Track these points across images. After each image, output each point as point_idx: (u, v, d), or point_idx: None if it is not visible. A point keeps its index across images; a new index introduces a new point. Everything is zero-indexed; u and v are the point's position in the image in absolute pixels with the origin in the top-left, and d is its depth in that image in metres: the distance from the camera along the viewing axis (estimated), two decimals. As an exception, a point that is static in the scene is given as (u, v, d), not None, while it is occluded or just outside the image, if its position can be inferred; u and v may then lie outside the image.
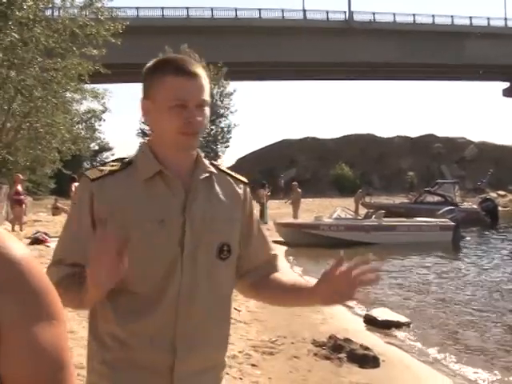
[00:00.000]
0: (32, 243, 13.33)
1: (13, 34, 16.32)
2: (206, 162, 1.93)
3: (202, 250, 1.82)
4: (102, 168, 1.85)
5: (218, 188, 1.92)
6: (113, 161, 1.93)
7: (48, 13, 20.56)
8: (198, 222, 1.81)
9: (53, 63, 19.62)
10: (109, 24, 20.31)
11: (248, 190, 2.04)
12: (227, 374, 4.83)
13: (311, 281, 2.00)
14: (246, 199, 2.00)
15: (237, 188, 1.98)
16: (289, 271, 2.35)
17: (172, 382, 1.79)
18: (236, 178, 2.03)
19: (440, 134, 66.91)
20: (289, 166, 58.28)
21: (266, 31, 51.98)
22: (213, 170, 1.92)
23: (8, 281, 0.91)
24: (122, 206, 1.77)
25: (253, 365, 5.76)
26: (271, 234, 20.76)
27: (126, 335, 1.78)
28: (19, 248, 0.96)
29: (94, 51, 20.43)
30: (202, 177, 1.86)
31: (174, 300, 1.78)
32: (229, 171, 2.03)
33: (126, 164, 1.86)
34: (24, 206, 17.64)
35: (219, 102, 47.36)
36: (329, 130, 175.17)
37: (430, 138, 65.19)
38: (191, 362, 1.81)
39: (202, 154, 1.94)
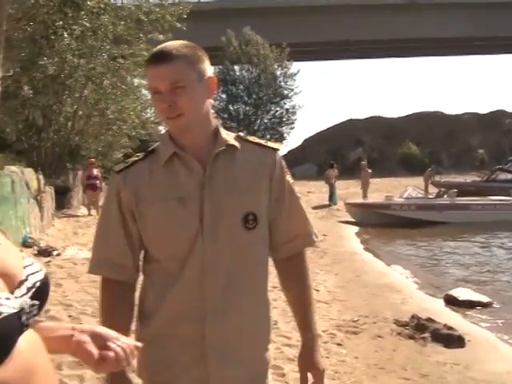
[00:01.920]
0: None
1: (84, 23, 16.61)
2: (227, 135, 1.97)
3: (224, 221, 1.86)
4: (127, 160, 1.99)
5: (240, 159, 1.95)
6: (139, 152, 2.04)
7: (114, 1, 20.87)
8: (219, 195, 1.87)
9: (120, 50, 19.90)
10: (173, 9, 20.42)
11: (279, 157, 2.03)
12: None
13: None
14: (274, 167, 1.99)
15: (264, 157, 1.99)
16: (302, 272, 2.26)
17: (204, 351, 1.86)
18: (265, 145, 2.03)
19: (511, 109, 64.70)
20: (355, 146, 57.65)
21: (328, 10, 51.19)
22: (232, 142, 1.95)
23: None
24: (145, 190, 1.89)
25: (338, 344, 5.75)
26: (342, 214, 20.68)
27: (160, 311, 1.89)
28: None
29: (160, 37, 20.61)
30: (218, 151, 1.90)
31: (199, 271, 1.84)
32: (257, 140, 2.04)
33: (148, 152, 1.98)
34: (98, 190, 18.07)
35: (283, 83, 47.21)
36: (395, 109, 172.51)
37: (500, 114, 63.05)
38: (222, 331, 1.86)
39: (221, 129, 1.98)
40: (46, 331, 1.20)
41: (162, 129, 35.24)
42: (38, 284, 1.15)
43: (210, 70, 1.93)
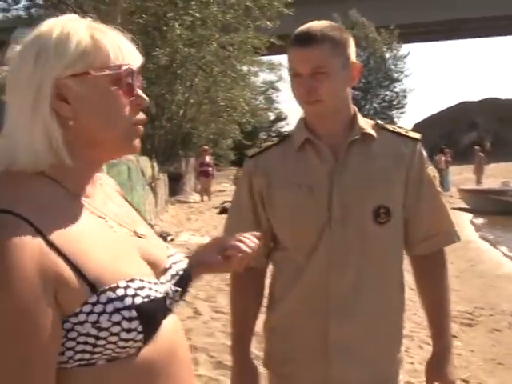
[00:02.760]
0: (220, 212, 13.99)
1: (194, 13, 16.98)
2: (365, 123, 1.89)
3: (352, 214, 1.80)
4: (261, 145, 1.98)
5: (376, 148, 1.86)
6: (274, 137, 2.04)
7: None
8: (349, 187, 1.80)
9: (229, 38, 20.19)
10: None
11: (418, 147, 1.91)
12: (428, 344, 4.75)
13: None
14: (413, 158, 1.88)
15: (403, 147, 1.88)
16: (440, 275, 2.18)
17: (327, 347, 1.82)
18: (404, 135, 1.92)
19: None
20: (469, 130, 55.54)
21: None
22: (369, 130, 1.86)
23: None
24: (275, 175, 1.87)
25: (453, 336, 5.56)
26: (454, 201, 20.03)
27: (285, 300, 1.88)
28: None
29: (268, 23, 20.71)
30: (352, 139, 1.83)
31: (326, 265, 1.80)
32: (397, 129, 1.93)
33: (283, 138, 1.96)
34: (211, 176, 18.50)
35: (392, 66, 46.18)
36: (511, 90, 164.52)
37: None
38: (347, 329, 1.81)
39: (359, 116, 1.89)
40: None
41: (272, 116, 35.67)
42: (180, 272, 1.23)
43: (354, 54, 1.85)
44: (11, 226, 0.97)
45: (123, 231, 1.16)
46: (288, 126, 46.56)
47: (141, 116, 1.15)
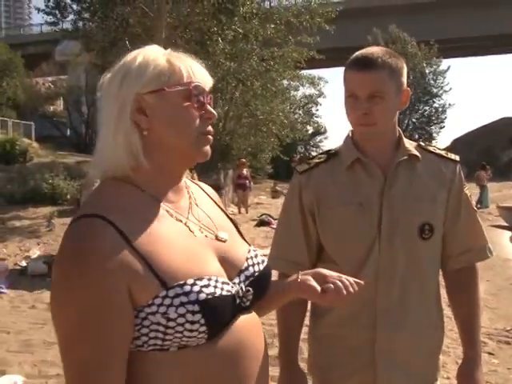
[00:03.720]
0: (258, 225, 14.12)
1: (237, 28, 17.19)
2: (409, 144, 1.98)
3: (400, 230, 1.89)
4: (309, 161, 2.05)
5: (421, 169, 1.95)
6: (320, 153, 2.10)
7: (263, 5, 21.33)
8: (397, 204, 1.89)
9: (270, 53, 20.34)
10: (323, 10, 20.50)
11: (458, 169, 2.02)
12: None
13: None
14: (454, 179, 1.99)
15: (444, 168, 1.99)
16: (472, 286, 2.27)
17: (373, 357, 1.91)
18: (445, 157, 2.03)
19: None
20: (509, 146, 54.59)
21: (473, 3, 48.82)
22: (414, 152, 1.96)
23: None
24: (326, 193, 1.95)
25: (489, 353, 5.61)
26: (493, 218, 19.78)
27: (332, 311, 1.95)
28: None
29: (309, 39, 20.81)
30: (399, 160, 1.92)
31: (374, 278, 1.88)
32: (438, 151, 2.04)
33: (330, 155, 2.03)
34: (248, 189, 18.67)
35: (432, 81, 45.85)
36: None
37: None
38: (393, 340, 1.90)
39: (404, 138, 1.99)
40: (280, 282, 1.49)
41: (310, 129, 35.68)
42: (256, 274, 1.38)
43: (405, 81, 1.95)
44: (98, 228, 1.19)
45: (203, 235, 1.34)
46: (326, 140, 46.53)
47: (210, 128, 1.34)
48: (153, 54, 1.32)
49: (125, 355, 1.20)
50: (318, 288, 1.38)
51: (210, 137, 1.34)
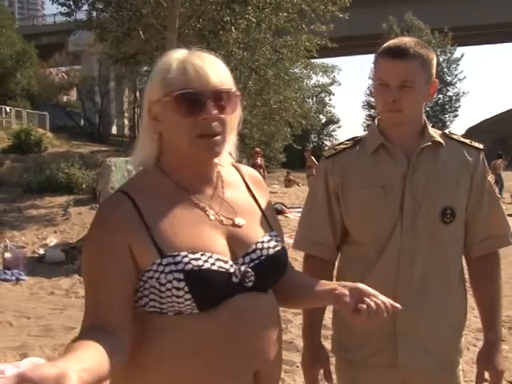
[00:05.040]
0: (272, 214, 14.11)
1: (250, 17, 17.19)
2: (433, 131, 2.04)
3: (422, 213, 1.94)
4: (336, 147, 2.12)
5: (444, 155, 2.00)
6: (347, 140, 2.15)
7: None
8: (420, 188, 1.94)
9: (283, 41, 20.32)
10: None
11: (482, 156, 2.06)
12: (474, 346, 4.88)
13: None
14: (477, 166, 2.03)
15: (467, 155, 2.03)
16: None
17: (395, 338, 1.97)
18: (469, 144, 2.07)
19: None
20: (524, 134, 54.16)
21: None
22: (438, 139, 2.01)
23: None
24: (351, 175, 2.02)
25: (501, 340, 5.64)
26: (508, 207, 19.70)
27: None
28: None
29: (323, 27, 20.74)
30: (423, 145, 1.97)
31: (395, 261, 1.94)
32: (462, 139, 2.08)
33: (356, 141, 2.10)
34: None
35: (446, 70, 45.56)
36: None
37: None
38: (413, 321, 1.94)
39: (429, 125, 2.05)
40: (318, 285, 1.54)
41: (323, 118, 35.64)
42: (263, 257, 1.47)
43: (434, 72, 2.00)
44: (120, 200, 1.42)
45: (219, 219, 1.47)
46: (340, 129, 46.33)
47: (208, 129, 1.41)
48: (165, 63, 1.45)
49: (123, 292, 1.37)
50: (351, 308, 1.40)
51: (211, 137, 1.42)
